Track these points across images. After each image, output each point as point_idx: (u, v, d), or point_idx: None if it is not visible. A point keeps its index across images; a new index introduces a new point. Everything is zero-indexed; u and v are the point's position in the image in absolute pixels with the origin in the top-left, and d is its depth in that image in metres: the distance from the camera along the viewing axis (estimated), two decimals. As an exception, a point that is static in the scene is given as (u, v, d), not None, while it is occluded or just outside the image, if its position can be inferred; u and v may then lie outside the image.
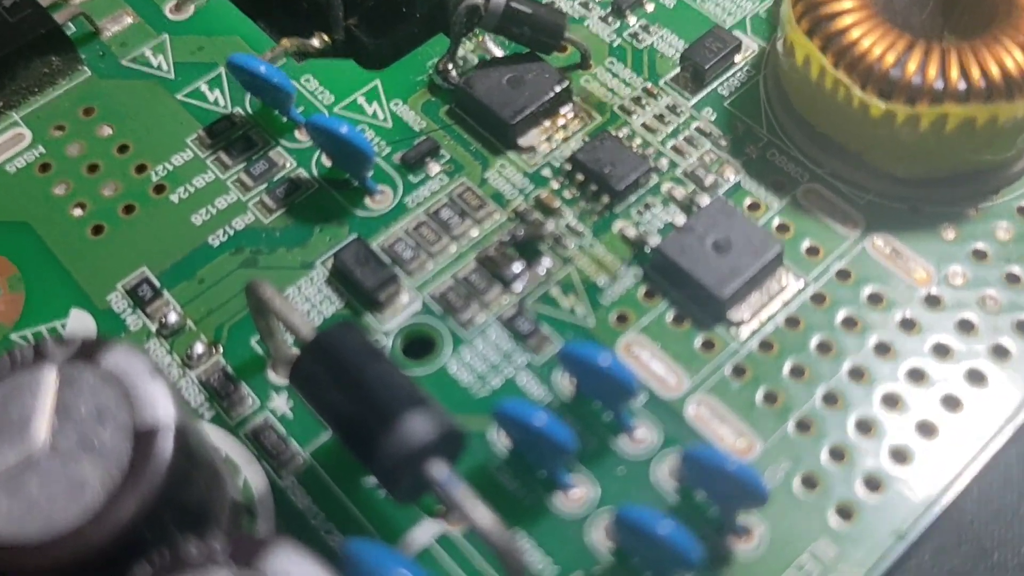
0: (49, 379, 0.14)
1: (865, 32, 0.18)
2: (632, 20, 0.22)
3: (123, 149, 0.21)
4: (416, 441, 0.14)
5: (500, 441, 0.17)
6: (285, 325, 0.16)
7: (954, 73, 0.18)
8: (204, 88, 0.22)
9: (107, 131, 0.21)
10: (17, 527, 0.13)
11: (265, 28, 0.23)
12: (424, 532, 0.16)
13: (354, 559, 0.14)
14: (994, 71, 0.18)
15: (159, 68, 0.22)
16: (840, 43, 0.19)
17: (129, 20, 0.23)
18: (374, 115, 0.21)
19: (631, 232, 0.19)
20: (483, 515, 0.14)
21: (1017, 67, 0.18)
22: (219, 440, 0.17)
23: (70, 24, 0.23)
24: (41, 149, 0.21)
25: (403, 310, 0.19)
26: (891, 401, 0.17)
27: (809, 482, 0.17)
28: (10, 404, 0.14)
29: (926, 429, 0.17)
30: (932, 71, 0.18)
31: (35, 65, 0.22)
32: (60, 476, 0.13)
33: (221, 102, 0.22)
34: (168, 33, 0.23)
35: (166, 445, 0.14)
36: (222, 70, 0.22)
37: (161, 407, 0.14)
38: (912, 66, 0.18)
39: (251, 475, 0.17)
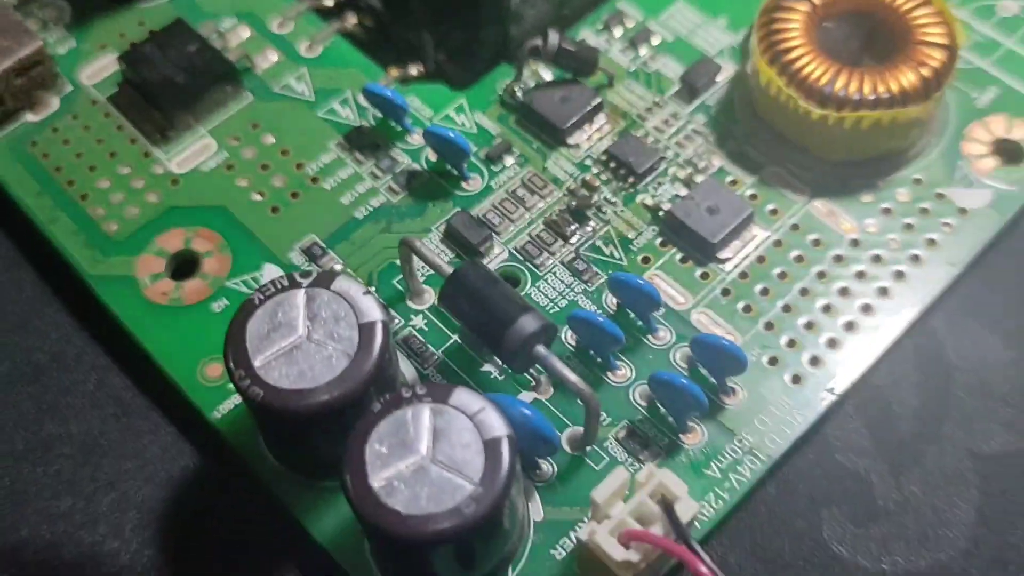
0: (300, 297, 0.23)
1: (807, 62, 0.27)
2: (643, 51, 0.31)
3: (284, 152, 0.29)
4: (528, 330, 0.23)
5: (569, 340, 0.26)
6: (429, 265, 0.25)
7: (866, 88, 0.27)
8: (337, 107, 0.30)
9: (270, 140, 0.30)
10: (294, 384, 0.22)
11: (375, 60, 0.31)
12: (525, 397, 0.25)
13: (497, 402, 0.22)
14: (893, 86, 0.27)
15: (302, 93, 0.30)
16: (790, 70, 0.27)
17: (275, 57, 0.31)
18: (463, 124, 0.30)
19: (649, 201, 0.28)
20: (572, 376, 0.23)
21: (909, 83, 0.27)
22: (382, 345, 0.26)
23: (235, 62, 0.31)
24: (225, 154, 0.29)
25: (496, 258, 0.27)
26: (827, 309, 0.26)
27: (772, 360, 0.25)
28: (279, 312, 0.22)
29: (850, 326, 0.26)
30: (852, 87, 0.27)
31: (216, 93, 0.30)
32: (316, 353, 0.22)
33: (351, 117, 0.30)
34: (305, 67, 0.31)
35: (380, 332, 0.22)
36: (349, 93, 0.30)
37: (373, 310, 0.22)
38: (839, 84, 0.27)
39: (405, 368, 0.26)
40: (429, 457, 0.20)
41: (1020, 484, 0.24)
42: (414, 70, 0.31)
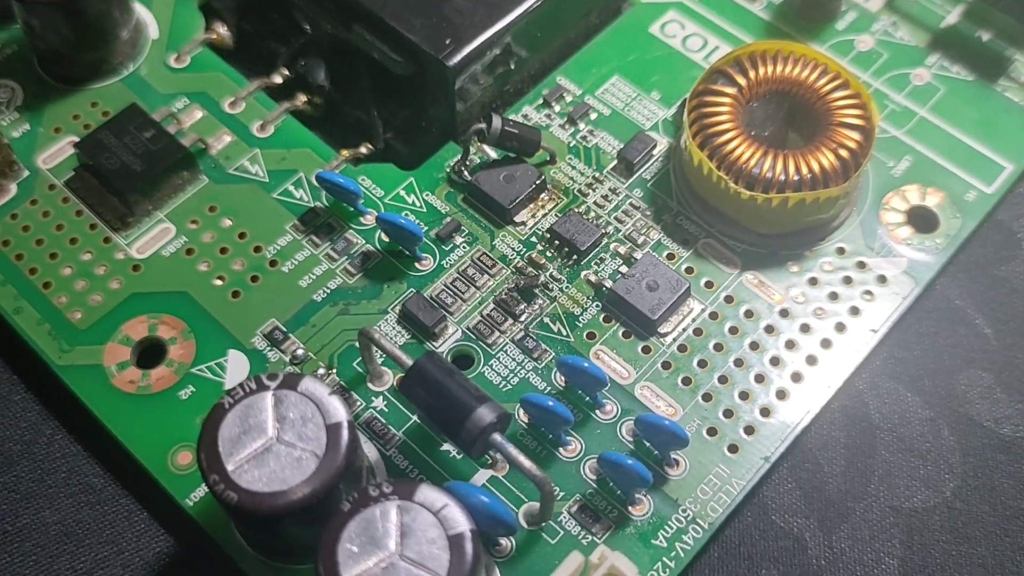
0: (268, 399, 0.24)
1: (735, 146, 0.29)
2: (581, 126, 0.32)
3: (242, 235, 0.30)
4: (485, 421, 0.24)
5: (521, 417, 0.27)
6: (389, 356, 0.26)
7: (791, 171, 0.28)
8: (291, 188, 0.31)
9: (228, 223, 0.31)
10: (265, 486, 0.23)
11: (325, 139, 0.33)
12: (482, 476, 0.26)
13: (454, 491, 0.24)
14: (815, 167, 0.29)
15: (256, 174, 0.32)
16: (720, 153, 0.29)
17: (228, 139, 0.32)
18: (413, 203, 0.31)
19: (593, 278, 0.29)
20: (525, 462, 0.24)
21: (830, 165, 0.28)
22: (341, 429, 0.27)
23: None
24: (184, 238, 0.30)
25: (450, 337, 0.29)
26: (760, 379, 0.28)
27: (711, 431, 0.27)
28: (248, 415, 0.24)
29: (781, 394, 0.28)
30: (778, 170, 0.28)
31: (173, 178, 0.31)
32: (286, 455, 0.23)
33: (305, 198, 0.31)
34: (259, 148, 0.32)
35: (346, 432, 0.23)
36: (302, 175, 0.31)
37: (339, 411, 0.24)
38: (765, 167, 0.29)
39: (368, 450, 0.27)
40: (398, 553, 0.22)
41: (940, 537, 0.27)
42: (364, 149, 0.32)
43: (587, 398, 0.27)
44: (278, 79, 0.33)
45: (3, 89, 0.33)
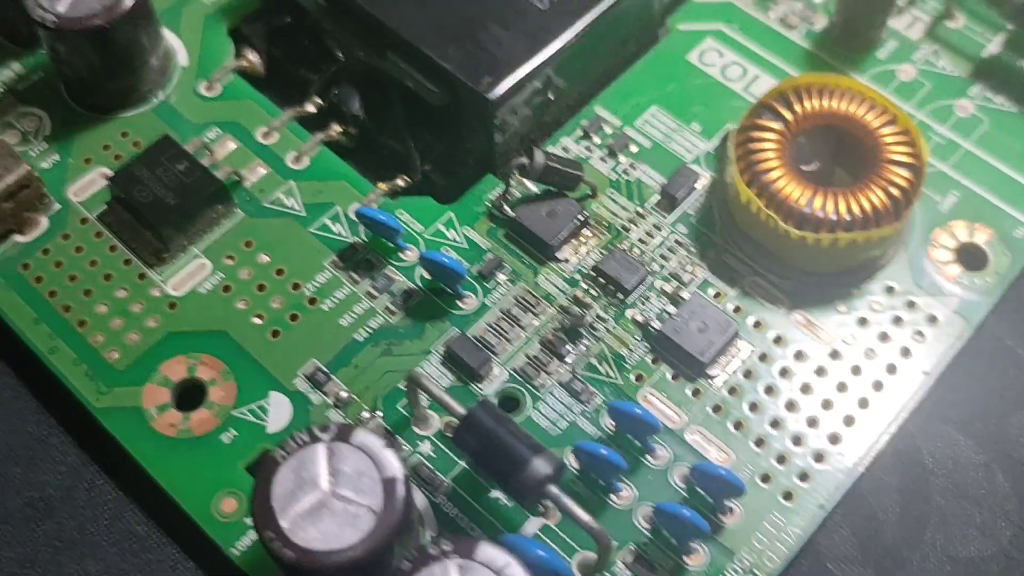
0: (321, 452, 0.23)
1: (784, 184, 0.28)
2: (622, 159, 0.32)
3: (280, 272, 0.30)
4: (542, 474, 0.24)
5: (572, 463, 0.27)
6: (438, 402, 0.26)
7: (842, 210, 0.28)
8: (328, 222, 0.31)
9: (265, 258, 0.30)
10: (322, 543, 0.22)
11: (360, 170, 0.32)
12: (533, 524, 0.26)
13: (511, 546, 0.23)
14: (866, 206, 0.28)
15: (292, 208, 0.31)
16: (769, 191, 0.28)
17: (263, 171, 0.32)
18: (453, 239, 0.30)
19: (639, 318, 0.29)
20: (583, 515, 0.24)
21: (881, 204, 0.28)
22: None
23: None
24: (221, 275, 0.30)
25: (496, 379, 0.28)
26: (811, 421, 0.27)
27: (765, 477, 0.27)
28: (302, 469, 0.23)
29: (834, 439, 0.27)
30: (828, 209, 0.28)
31: (207, 212, 0.30)
32: (343, 511, 0.23)
33: (343, 233, 0.30)
34: (293, 180, 0.32)
35: (402, 487, 0.23)
36: (339, 209, 0.31)
37: (394, 464, 0.23)
38: (816, 206, 0.28)
39: (416, 497, 0.26)
40: (460, 615, 0.21)
41: (996, 586, 0.26)
42: (401, 181, 0.31)
43: (637, 443, 0.27)
44: (311, 108, 0.33)
45: (30, 118, 0.33)
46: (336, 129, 0.32)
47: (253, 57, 0.34)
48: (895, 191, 0.28)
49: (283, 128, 0.32)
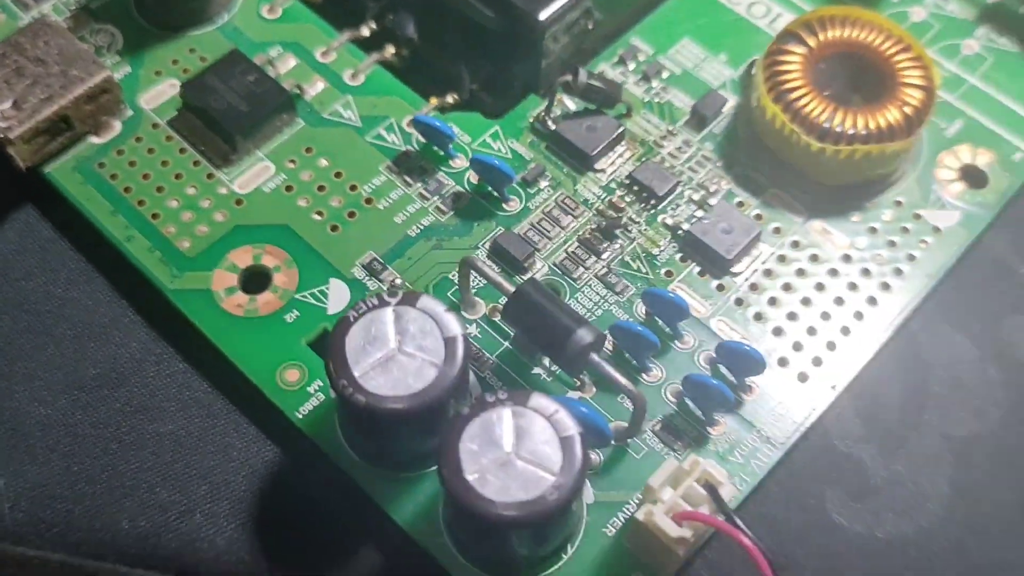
0: (389, 314, 0.26)
1: (807, 101, 0.31)
2: (654, 83, 0.34)
3: (338, 175, 0.32)
4: (586, 341, 0.26)
5: (606, 345, 0.29)
6: (490, 282, 0.28)
7: (859, 125, 0.31)
8: (383, 132, 0.33)
9: (324, 163, 0.33)
10: (391, 391, 0.25)
11: (413, 88, 0.35)
12: (571, 396, 0.29)
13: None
14: (882, 123, 0.31)
15: (349, 119, 0.34)
16: (793, 107, 0.31)
17: (321, 85, 0.34)
18: (499, 150, 0.33)
19: (670, 221, 0.31)
20: (623, 380, 0.27)
21: (895, 120, 0.31)
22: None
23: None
24: (283, 176, 0.32)
25: (538, 272, 0.31)
26: (825, 316, 0.30)
27: (782, 361, 0.29)
28: (371, 328, 0.26)
29: (845, 331, 0.30)
30: (847, 124, 0.31)
31: (274, 120, 0.33)
32: (408, 364, 0.25)
33: (396, 142, 0.33)
34: (351, 95, 0.34)
35: (461, 344, 0.25)
36: (393, 120, 0.33)
37: (455, 325, 0.26)
38: (835, 121, 0.31)
39: (465, 371, 0.29)
40: (514, 453, 0.24)
41: (987, 462, 0.29)
42: (450, 98, 0.34)
43: (667, 329, 0.30)
44: (366, 32, 0.35)
45: (104, 34, 0.35)
46: (390, 51, 0.35)
47: (312, -17, 0.36)
48: (908, 110, 0.31)
49: (340, 49, 0.35)
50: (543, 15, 0.32)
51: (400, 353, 0.25)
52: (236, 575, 0.27)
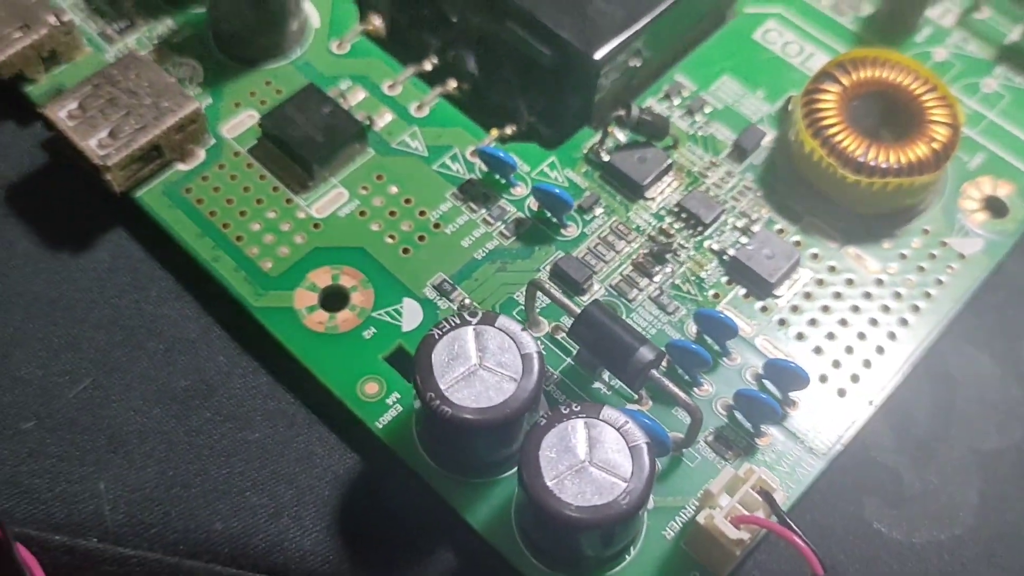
0: (470, 332, 0.28)
1: (843, 137, 0.34)
2: (698, 118, 0.37)
3: (407, 201, 0.35)
4: (648, 359, 0.29)
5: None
6: (557, 303, 0.31)
7: (891, 160, 0.33)
8: (448, 162, 0.36)
9: (394, 190, 0.35)
10: (474, 404, 0.27)
11: (474, 120, 0.37)
12: (630, 408, 0.31)
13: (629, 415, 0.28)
14: (911, 157, 0.33)
15: (416, 149, 0.36)
16: (829, 143, 0.34)
17: (389, 117, 0.37)
18: (556, 179, 0.35)
19: (716, 246, 0.34)
20: (683, 395, 0.29)
21: (924, 156, 0.33)
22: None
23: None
24: (357, 202, 0.35)
25: (595, 294, 0.33)
26: (861, 336, 0.33)
27: (823, 378, 0.32)
28: (454, 345, 0.28)
29: (880, 350, 0.32)
30: (880, 158, 0.33)
31: (348, 149, 0.35)
32: (488, 378, 0.28)
33: (460, 171, 0.35)
34: (417, 126, 0.37)
35: (537, 360, 0.28)
36: (457, 150, 0.36)
37: (531, 343, 0.28)
38: (870, 156, 0.33)
39: (531, 385, 0.31)
40: (588, 460, 0.26)
41: (1012, 474, 0.31)
42: (509, 130, 0.37)
43: (716, 347, 0.32)
44: (428, 66, 0.38)
45: (185, 67, 0.37)
46: (452, 84, 0.37)
47: (377, 21, 0.39)
48: (936, 145, 0.33)
49: (405, 82, 0.37)
50: (598, 55, 0.35)
51: (481, 368, 0.28)
52: (321, 574, 0.30)
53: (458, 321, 0.28)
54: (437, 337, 0.28)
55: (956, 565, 0.30)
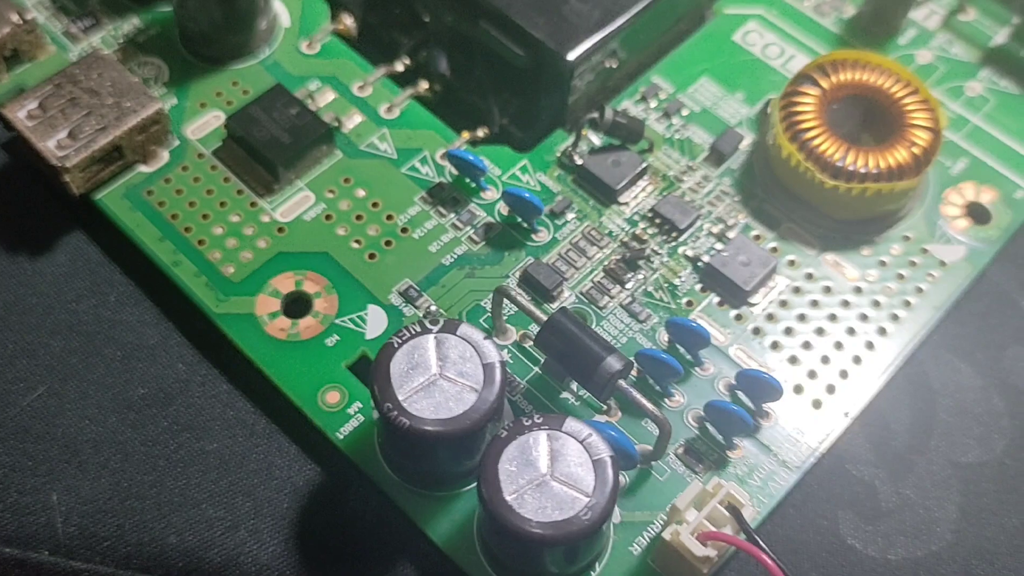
0: (431, 341, 0.27)
1: (821, 141, 0.33)
2: (675, 120, 0.36)
3: (375, 205, 0.34)
4: (615, 368, 0.28)
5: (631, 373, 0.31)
6: (523, 311, 0.30)
7: (870, 164, 0.32)
8: (417, 164, 0.35)
9: (361, 193, 0.34)
10: (433, 414, 0.26)
11: (445, 122, 0.36)
12: (598, 419, 0.30)
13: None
14: (891, 162, 0.33)
15: (385, 152, 0.35)
16: (808, 147, 0.33)
17: (359, 119, 0.36)
18: (527, 183, 0.35)
19: (690, 253, 0.33)
20: (650, 405, 0.28)
21: (904, 160, 0.32)
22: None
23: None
24: (323, 205, 0.34)
25: (566, 300, 0.32)
26: (838, 345, 0.32)
27: (797, 389, 0.31)
28: (414, 354, 0.27)
29: (857, 360, 0.32)
30: (859, 163, 0.32)
31: (314, 151, 0.34)
32: (449, 388, 0.27)
33: (430, 174, 0.35)
34: (387, 128, 0.36)
35: (500, 371, 0.27)
36: (427, 153, 0.35)
37: (493, 352, 0.27)
38: (848, 160, 0.33)
39: (497, 394, 0.31)
40: (549, 474, 0.26)
41: (992, 488, 0.30)
42: (481, 132, 0.36)
43: (688, 356, 0.31)
44: (400, 67, 0.37)
45: (151, 66, 0.37)
46: (423, 86, 0.36)
47: (348, 21, 0.38)
48: (916, 150, 0.33)
49: (376, 83, 0.37)
50: (572, 55, 0.34)
51: (441, 378, 0.27)
52: (279, 588, 0.29)
53: (419, 329, 0.28)
54: (396, 345, 0.27)
55: (933, 583, 0.29)
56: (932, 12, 0.39)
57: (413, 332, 0.28)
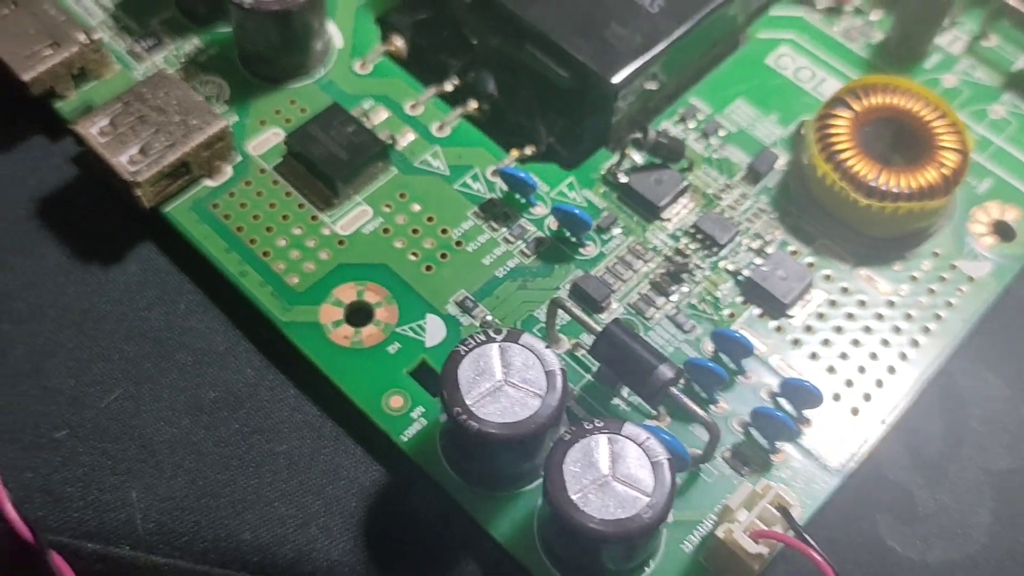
0: (495, 349, 0.29)
1: (855, 162, 0.35)
2: (713, 140, 0.38)
3: (430, 219, 0.36)
4: (667, 376, 0.30)
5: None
6: (579, 321, 0.32)
7: (902, 184, 0.34)
8: (469, 181, 0.37)
9: (416, 208, 0.36)
10: (500, 419, 0.28)
11: (494, 140, 0.38)
12: (649, 424, 0.32)
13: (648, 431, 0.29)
14: (921, 182, 0.34)
15: (438, 168, 0.37)
16: (842, 167, 0.35)
17: (412, 136, 0.38)
18: (574, 199, 0.36)
19: (731, 267, 0.35)
20: (701, 411, 0.30)
21: (934, 181, 0.34)
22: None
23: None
24: (380, 219, 0.36)
25: (614, 312, 0.34)
26: (874, 356, 0.33)
27: (836, 397, 0.33)
28: (479, 362, 0.29)
29: (891, 370, 0.33)
30: (892, 183, 0.34)
31: (371, 167, 0.36)
32: (514, 394, 0.28)
33: (481, 190, 0.36)
34: (439, 145, 0.38)
35: (560, 377, 0.29)
36: (477, 170, 0.37)
37: (554, 360, 0.29)
38: (881, 180, 0.34)
39: (552, 400, 0.32)
40: (611, 475, 0.27)
41: (1023, 494, 0.32)
42: (528, 150, 0.37)
43: (732, 365, 0.33)
44: (449, 87, 0.39)
45: (212, 84, 0.38)
46: (472, 105, 0.38)
47: (399, 42, 0.40)
48: (945, 171, 0.34)
49: (427, 103, 0.38)
50: (616, 79, 0.35)
51: (507, 384, 0.29)
52: (348, 584, 0.30)
53: (483, 338, 0.29)
54: (463, 353, 0.29)
55: (970, 585, 0.31)
56: (956, 38, 0.41)
57: (478, 341, 0.29)
